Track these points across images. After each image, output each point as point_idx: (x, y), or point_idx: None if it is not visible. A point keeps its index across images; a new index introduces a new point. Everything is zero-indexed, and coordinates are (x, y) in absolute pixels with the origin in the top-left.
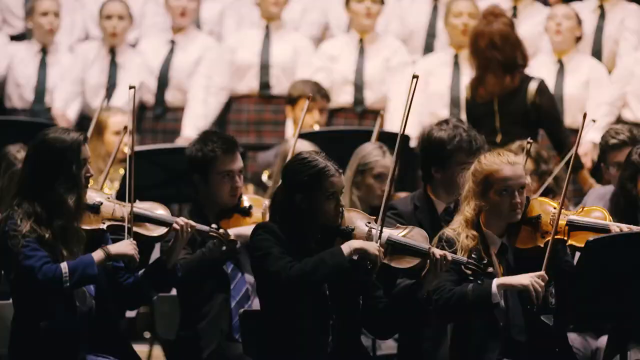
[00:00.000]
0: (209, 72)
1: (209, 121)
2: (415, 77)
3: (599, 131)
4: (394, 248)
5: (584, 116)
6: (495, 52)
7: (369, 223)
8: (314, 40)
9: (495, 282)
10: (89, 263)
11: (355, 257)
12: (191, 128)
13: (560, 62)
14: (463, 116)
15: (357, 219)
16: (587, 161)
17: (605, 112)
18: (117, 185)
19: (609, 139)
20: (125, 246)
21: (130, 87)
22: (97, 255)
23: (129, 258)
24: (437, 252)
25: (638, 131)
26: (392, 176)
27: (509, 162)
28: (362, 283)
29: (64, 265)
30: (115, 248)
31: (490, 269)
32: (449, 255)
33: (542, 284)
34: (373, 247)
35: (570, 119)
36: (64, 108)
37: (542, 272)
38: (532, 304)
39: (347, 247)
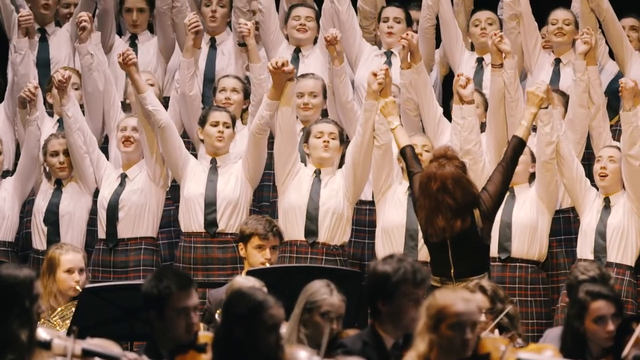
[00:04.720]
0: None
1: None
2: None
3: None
4: None
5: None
6: (447, 196)
7: (310, 357)
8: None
9: None
10: None
11: None
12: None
13: (511, 190)
14: (421, 251)
15: (297, 353)
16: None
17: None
18: (68, 323)
19: (579, 275)
20: None
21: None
22: None
23: None
24: None
25: (606, 270)
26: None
27: (462, 298)
28: None
29: None
30: None
31: None
32: None
33: None
34: None
35: (517, 245)
36: None
37: None
38: None
39: None
